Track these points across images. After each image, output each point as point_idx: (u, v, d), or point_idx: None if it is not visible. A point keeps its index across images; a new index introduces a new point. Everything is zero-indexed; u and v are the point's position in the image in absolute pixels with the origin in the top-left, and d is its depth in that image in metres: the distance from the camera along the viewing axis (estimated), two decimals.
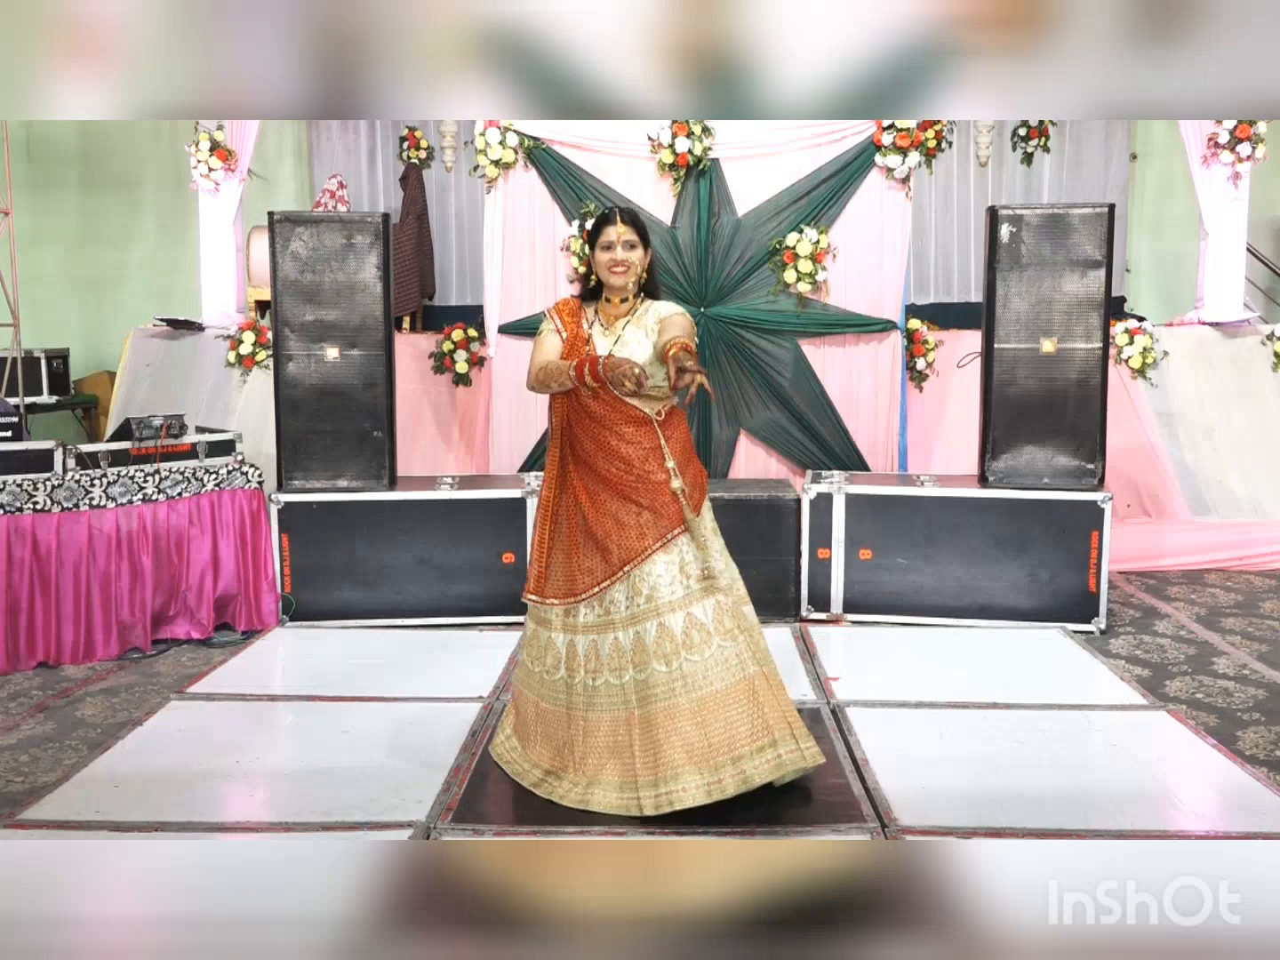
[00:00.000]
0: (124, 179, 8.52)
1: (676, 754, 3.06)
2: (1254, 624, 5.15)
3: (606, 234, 3.32)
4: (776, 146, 5.83)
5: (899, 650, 4.82)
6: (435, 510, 5.19)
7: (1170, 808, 3.28)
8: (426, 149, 8.35)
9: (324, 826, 3.05)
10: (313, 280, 5.21)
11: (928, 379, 6.52)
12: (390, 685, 4.28)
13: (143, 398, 6.64)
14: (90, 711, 4.11)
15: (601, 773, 3.19)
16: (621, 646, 3.20)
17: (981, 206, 7.61)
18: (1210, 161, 6.62)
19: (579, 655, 3.26)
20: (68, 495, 4.67)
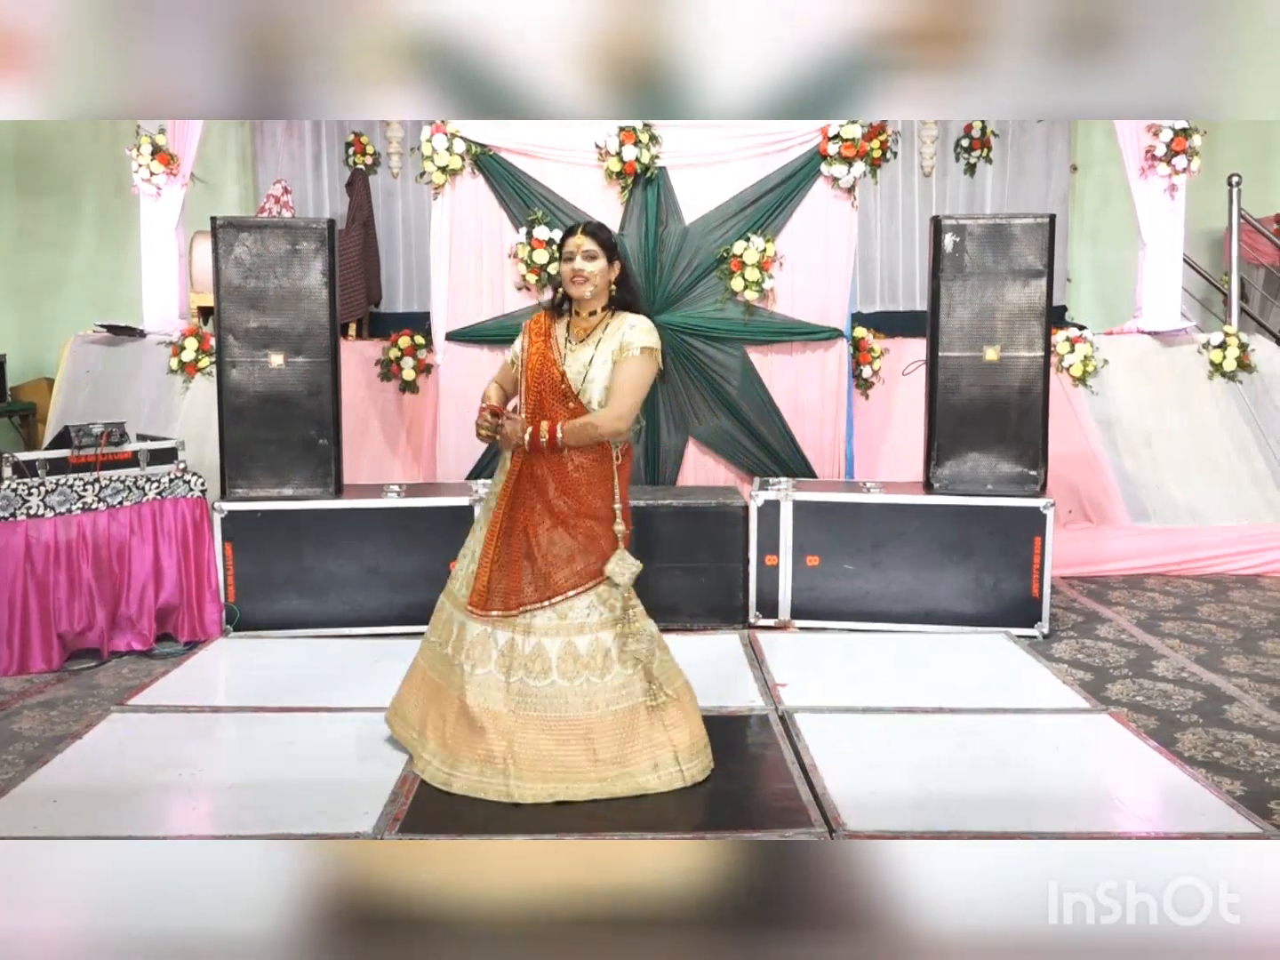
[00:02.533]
0: (63, 183, 8.37)
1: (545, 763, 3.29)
2: (1192, 628, 5.24)
3: (568, 245, 3.37)
4: (723, 155, 5.86)
5: (846, 656, 4.85)
6: (382, 518, 5.15)
7: (1112, 809, 3.33)
8: (373, 155, 8.29)
9: (270, 838, 3.01)
10: (257, 286, 5.15)
11: (873, 386, 6.57)
12: (337, 695, 4.24)
13: (82, 405, 6.52)
14: (27, 725, 4.02)
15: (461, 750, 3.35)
16: (517, 647, 3.34)
17: (926, 216, 7.69)
18: (1148, 173, 6.74)
19: (465, 640, 3.40)
20: (4, 504, 4.57)
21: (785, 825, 3.11)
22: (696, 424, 6.03)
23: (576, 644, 3.31)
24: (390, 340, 6.61)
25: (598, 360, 3.33)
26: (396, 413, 6.61)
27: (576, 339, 3.39)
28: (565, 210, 5.84)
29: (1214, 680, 4.47)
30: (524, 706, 3.30)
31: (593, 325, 3.39)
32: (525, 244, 5.84)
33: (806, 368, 6.01)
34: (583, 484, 3.32)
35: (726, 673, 4.51)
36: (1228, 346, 6.65)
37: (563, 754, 3.28)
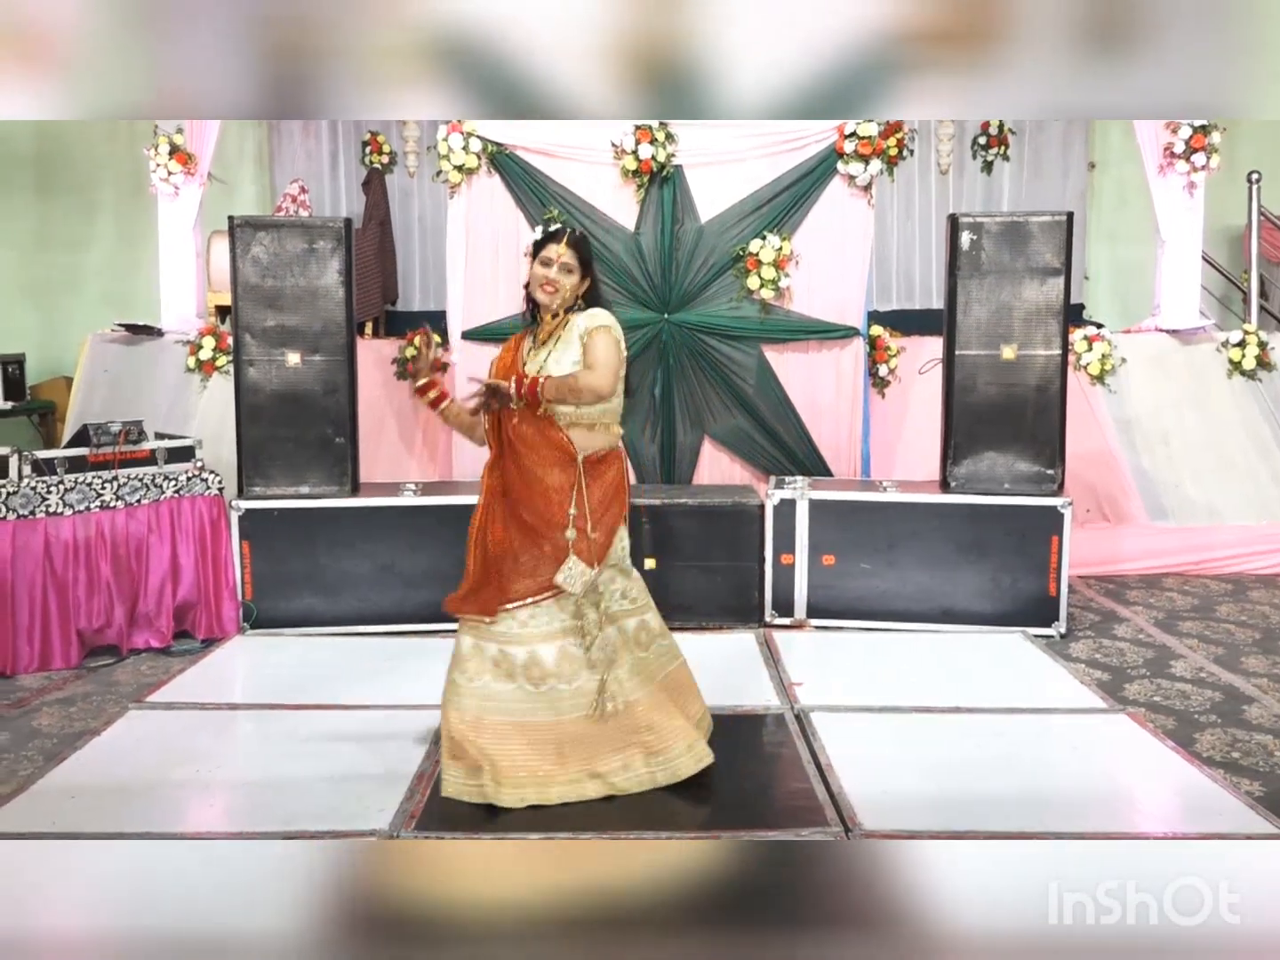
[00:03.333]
0: (81, 183, 8.40)
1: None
2: (1210, 627, 5.21)
3: (548, 250, 3.33)
4: (739, 153, 5.85)
5: (862, 655, 4.84)
6: (398, 517, 5.16)
7: (1130, 809, 3.32)
8: (389, 154, 8.30)
9: (286, 835, 3.02)
10: (274, 285, 5.17)
11: (890, 385, 6.55)
12: (352, 693, 4.25)
13: (100, 404, 6.55)
14: (46, 721, 4.05)
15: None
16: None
17: (942, 214, 7.66)
18: (1166, 171, 6.70)
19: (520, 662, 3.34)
20: (23, 502, 4.60)
21: (801, 824, 3.11)
22: (712, 422, 6.03)
23: (539, 652, 3.29)
24: (406, 339, 6.62)
25: (554, 356, 3.31)
26: (412, 411, 6.61)
27: (539, 342, 3.39)
28: (581, 209, 5.84)
29: (1233, 680, 4.44)
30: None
31: (554, 326, 3.38)
32: None
33: (822, 366, 6.00)
34: (552, 489, 3.29)
35: (742, 671, 4.51)
36: (1247, 345, 6.60)
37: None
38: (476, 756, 3.25)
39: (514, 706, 3.28)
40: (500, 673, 3.29)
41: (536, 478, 3.30)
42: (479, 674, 3.31)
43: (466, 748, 3.26)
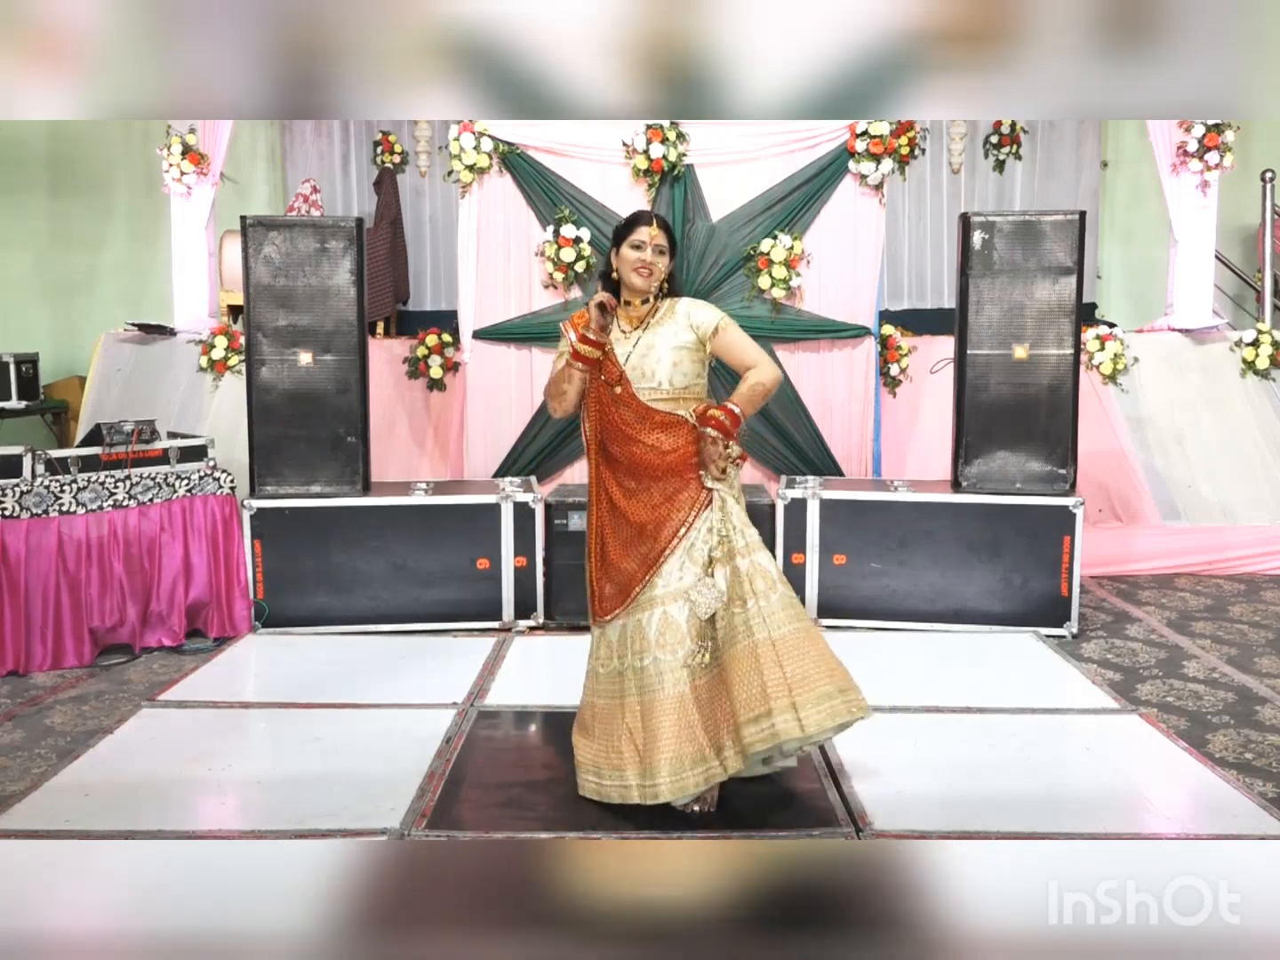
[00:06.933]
0: (94, 183, 8.43)
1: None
2: (1223, 628, 5.19)
3: (639, 233, 3.21)
4: (750, 153, 5.85)
5: (873, 655, 4.82)
6: (410, 516, 5.17)
7: (1142, 810, 3.31)
8: (401, 154, 8.31)
9: (297, 834, 3.03)
10: (286, 285, 5.18)
11: (901, 384, 6.54)
12: (364, 692, 4.26)
13: (114, 403, 6.59)
14: (60, 719, 4.06)
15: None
16: (630, 631, 3.19)
17: (954, 213, 7.64)
18: (1180, 170, 6.69)
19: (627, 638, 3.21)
20: (37, 501, 4.62)
21: (812, 824, 3.11)
22: None
23: (670, 613, 3.13)
24: (418, 338, 6.64)
25: (658, 338, 3.24)
26: (424, 410, 6.63)
27: (630, 326, 3.30)
28: (592, 208, 5.85)
29: (1245, 681, 4.42)
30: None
31: (645, 313, 3.28)
32: (552, 242, 5.84)
33: (834, 366, 5.99)
34: (667, 448, 3.20)
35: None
36: (1260, 344, 6.58)
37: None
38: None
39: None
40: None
41: (647, 457, 3.20)
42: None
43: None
